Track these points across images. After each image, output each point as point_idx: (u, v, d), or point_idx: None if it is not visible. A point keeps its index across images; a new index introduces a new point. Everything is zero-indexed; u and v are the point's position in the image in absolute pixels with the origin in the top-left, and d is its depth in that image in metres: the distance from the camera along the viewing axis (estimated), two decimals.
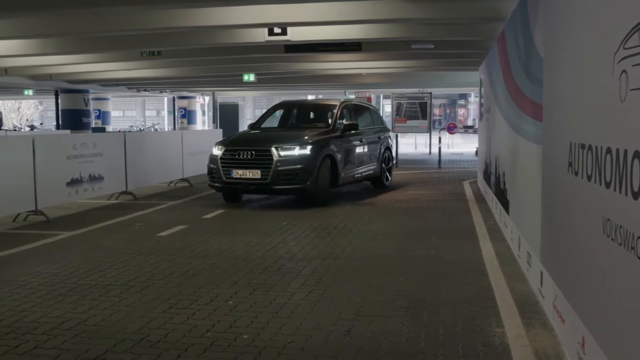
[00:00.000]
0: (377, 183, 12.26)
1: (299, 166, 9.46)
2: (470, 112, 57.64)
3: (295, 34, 10.73)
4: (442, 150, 19.62)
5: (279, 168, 9.42)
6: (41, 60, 15.10)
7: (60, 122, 26.39)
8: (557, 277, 4.01)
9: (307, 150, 9.60)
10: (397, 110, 23.18)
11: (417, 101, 23.23)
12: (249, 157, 9.60)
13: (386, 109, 37.68)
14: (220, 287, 5.18)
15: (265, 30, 10.70)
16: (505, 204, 7.32)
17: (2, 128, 23.81)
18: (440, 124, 50.63)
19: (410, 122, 22.95)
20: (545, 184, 4.52)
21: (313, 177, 9.52)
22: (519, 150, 6.07)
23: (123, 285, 5.28)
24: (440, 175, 15.48)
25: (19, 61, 15.36)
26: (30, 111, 51.14)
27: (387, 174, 12.59)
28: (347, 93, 28.23)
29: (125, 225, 8.40)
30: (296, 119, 11.99)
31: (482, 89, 12.12)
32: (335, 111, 10.93)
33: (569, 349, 3.61)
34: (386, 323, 4.26)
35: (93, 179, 9.99)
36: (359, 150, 11.11)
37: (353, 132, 10.84)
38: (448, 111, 62.37)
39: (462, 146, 27.85)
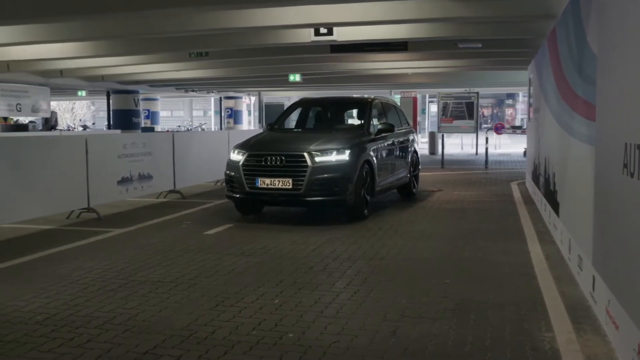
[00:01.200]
0: (405, 191, 10.98)
1: (337, 174, 8.14)
2: (518, 112, 56.57)
3: (341, 34, 10.74)
4: (489, 150, 19.30)
5: (314, 177, 8.08)
6: (94, 62, 15.53)
7: (111, 122, 27.07)
8: (610, 282, 3.90)
9: (346, 156, 8.27)
10: (443, 110, 22.92)
11: (463, 101, 22.94)
12: (278, 163, 8.20)
13: (431, 108, 37.30)
14: (265, 285, 5.23)
15: (312, 30, 10.73)
16: (555, 205, 7.15)
17: (57, 128, 24.57)
18: (487, 124, 49.86)
19: (456, 122, 22.67)
20: (597, 186, 4.40)
21: (352, 186, 8.23)
22: (570, 151, 5.92)
23: (171, 282, 5.38)
24: (487, 176, 15.24)
25: (73, 63, 15.85)
26: (83, 111, 52.61)
27: (415, 180, 11.31)
28: (392, 93, 28.07)
29: (173, 223, 8.56)
30: (320, 119, 10.64)
31: (532, 88, 11.87)
32: (368, 110, 9.66)
33: (624, 355, 3.50)
34: (432, 325, 4.22)
35: (142, 177, 10.21)
36: (392, 154, 10.02)
37: (385, 134, 9.61)
38: (495, 111, 61.33)
39: (509, 147, 27.35)
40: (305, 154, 8.16)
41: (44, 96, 21.21)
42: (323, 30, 10.72)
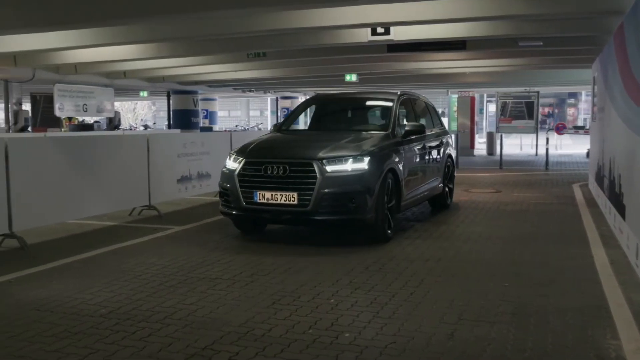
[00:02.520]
0: (438, 203, 9.49)
1: (353, 187, 6.67)
2: (580, 111, 54.84)
3: (398, 34, 10.67)
4: (550, 151, 18.78)
5: (325, 190, 6.58)
6: (156, 64, 15.95)
7: (171, 122, 27.73)
8: None
9: (365, 164, 6.77)
10: (502, 110, 22.49)
11: (523, 100, 22.45)
12: (280, 173, 6.73)
13: (489, 108, 36.59)
14: (322, 284, 5.25)
15: (368, 30, 10.70)
16: (621, 208, 6.90)
17: (120, 128, 25.37)
18: (547, 124, 48.55)
19: (515, 122, 22.21)
20: None
21: (373, 201, 6.74)
22: (638, 151, 5.70)
23: (229, 279, 5.47)
24: (548, 178, 14.84)
25: (136, 65, 16.32)
26: (144, 111, 54.15)
27: (449, 191, 9.86)
28: (449, 93, 27.70)
29: (231, 221, 8.69)
30: (337, 118, 9.14)
31: (596, 87, 11.49)
32: (393, 109, 8.06)
33: None
34: (490, 328, 4.14)
35: (201, 176, 10.42)
36: (422, 161, 8.47)
37: (414, 137, 8.14)
38: (556, 111, 59.66)
39: (571, 147, 26.58)
40: (314, 162, 6.69)
41: (108, 97, 21.90)
42: (380, 29, 10.67)
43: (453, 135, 12.43)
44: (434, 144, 9.04)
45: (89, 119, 26.90)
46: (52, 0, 8.68)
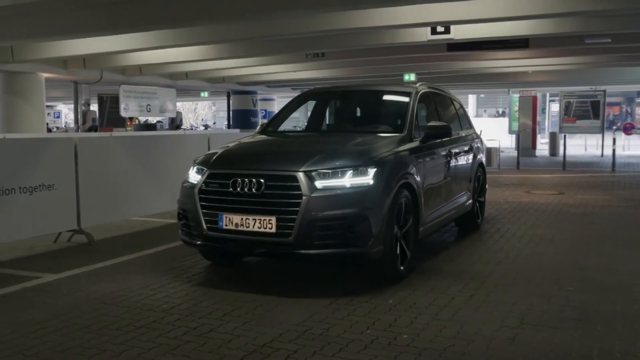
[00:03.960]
0: (467, 222, 7.74)
1: (353, 210, 4.91)
2: None
3: (458, 32, 10.54)
4: (617, 152, 18.11)
5: (314, 214, 4.83)
6: (216, 65, 16.28)
7: (230, 122, 28.22)
8: None
9: (370, 178, 5.04)
10: (566, 109, 21.87)
11: (588, 100, 21.75)
12: (254, 189, 4.99)
13: (552, 108, 35.62)
14: (380, 285, 5.22)
15: (428, 29, 10.63)
16: None
17: (181, 127, 26.01)
18: (614, 124, 46.82)
19: (579, 122, 21.56)
20: None
21: (381, 229, 5.00)
22: None
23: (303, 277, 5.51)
24: (615, 179, 14.31)
25: (198, 66, 16.70)
26: (204, 112, 55.30)
27: (480, 207, 8.08)
28: (510, 92, 27.11)
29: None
30: (340, 117, 7.51)
31: None
32: (410, 106, 6.28)
33: None
34: (554, 334, 4.03)
35: None
36: (447, 172, 6.72)
37: (437, 141, 6.43)
38: (624, 110, 57.45)
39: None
40: (300, 175, 4.92)
41: (171, 97, 22.50)
42: (440, 28, 10.58)
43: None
44: (462, 149, 7.31)
45: (152, 119, 27.67)
46: (120, 4, 8.98)
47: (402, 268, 5.39)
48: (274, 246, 5.00)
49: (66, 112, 44.89)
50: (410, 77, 19.17)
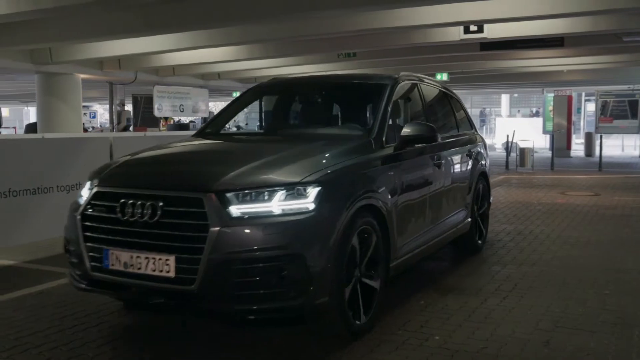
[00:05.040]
0: (465, 243, 6.33)
1: (284, 247, 3.52)
2: None
3: (491, 31, 10.44)
4: None
5: (228, 253, 3.44)
6: (248, 65, 16.41)
7: (262, 123, 28.37)
8: None
9: (309, 201, 3.65)
10: (602, 109, 21.50)
11: (626, 99, 21.33)
12: (147, 216, 3.61)
13: (588, 108, 34.97)
14: (410, 286, 5.20)
15: (461, 28, 10.54)
16: None
17: None
18: None
19: (616, 122, 21.16)
20: None
21: (326, 273, 3.62)
22: None
23: None
24: None
25: (230, 66, 16.86)
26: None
27: (481, 223, 6.63)
28: (545, 91, 26.71)
29: None
30: (295, 117, 5.94)
31: None
32: (383, 101, 4.83)
33: None
34: (590, 338, 3.96)
35: None
36: (435, 186, 5.27)
37: (419, 146, 4.92)
38: None
39: None
40: (208, 197, 3.54)
41: (203, 97, 22.71)
42: (473, 27, 10.49)
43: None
44: (456, 156, 5.90)
45: (185, 119, 28.01)
46: (154, 6, 9.12)
47: (359, 322, 3.92)
48: (171, 297, 3.53)
49: (101, 112, 45.78)
50: (442, 76, 19.04)
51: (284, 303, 3.51)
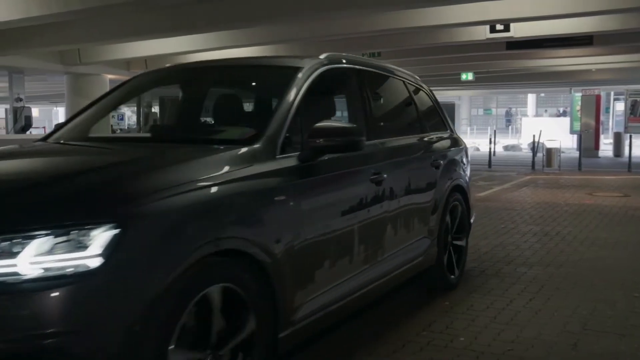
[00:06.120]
0: (431, 279, 4.95)
1: (40, 336, 1.97)
2: None
3: (518, 30, 10.34)
4: None
5: None
6: None
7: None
8: None
9: (91, 254, 2.06)
10: (632, 108, 21.13)
11: None
12: None
13: (617, 107, 34.42)
14: (433, 287, 5.17)
15: (487, 27, 10.46)
16: None
17: None
18: None
19: None
20: None
21: None
22: None
23: None
24: None
25: None
26: None
27: (453, 254, 5.10)
28: (572, 91, 26.35)
29: None
30: (172, 115, 5.28)
31: None
32: (288, 94, 3.33)
33: None
34: (619, 341, 3.90)
35: None
36: (370, 212, 3.72)
37: (338, 156, 3.36)
38: None
39: None
40: None
41: None
42: (499, 26, 10.40)
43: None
44: (413, 168, 4.43)
45: (211, 120, 28.24)
46: (180, 7, 9.21)
47: None
48: None
49: (129, 115, 46.36)
50: (467, 76, 18.93)
51: None
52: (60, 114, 40.20)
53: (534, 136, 18.21)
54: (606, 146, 26.44)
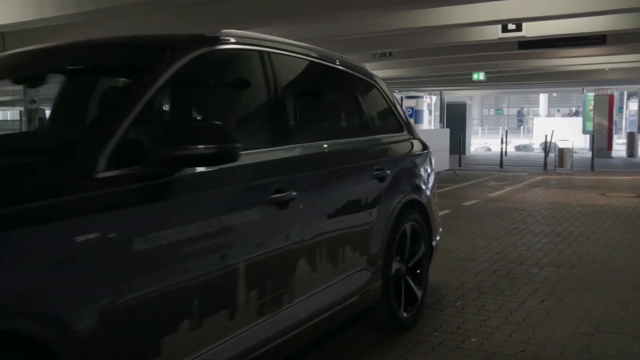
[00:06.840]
0: (378, 317, 3.97)
1: None
2: None
3: (530, 30, 10.29)
4: None
5: None
6: None
7: None
8: None
9: None
10: None
11: None
12: None
13: (630, 107, 34.12)
14: (447, 287, 5.16)
15: (499, 27, 10.42)
16: None
17: None
18: None
19: None
20: None
21: None
22: None
23: None
24: None
25: None
26: None
27: (412, 282, 4.15)
28: (585, 91, 26.17)
29: None
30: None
31: None
32: (134, 84, 2.42)
33: None
34: (633, 343, 3.86)
35: None
36: (267, 244, 2.74)
37: (208, 170, 2.40)
38: None
39: None
40: None
41: None
42: (511, 26, 10.35)
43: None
44: (339, 181, 3.46)
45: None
46: (194, 7, 9.24)
47: None
48: None
49: None
50: (479, 76, 18.86)
51: None
52: None
53: (546, 136, 18.11)
54: (619, 146, 26.23)
